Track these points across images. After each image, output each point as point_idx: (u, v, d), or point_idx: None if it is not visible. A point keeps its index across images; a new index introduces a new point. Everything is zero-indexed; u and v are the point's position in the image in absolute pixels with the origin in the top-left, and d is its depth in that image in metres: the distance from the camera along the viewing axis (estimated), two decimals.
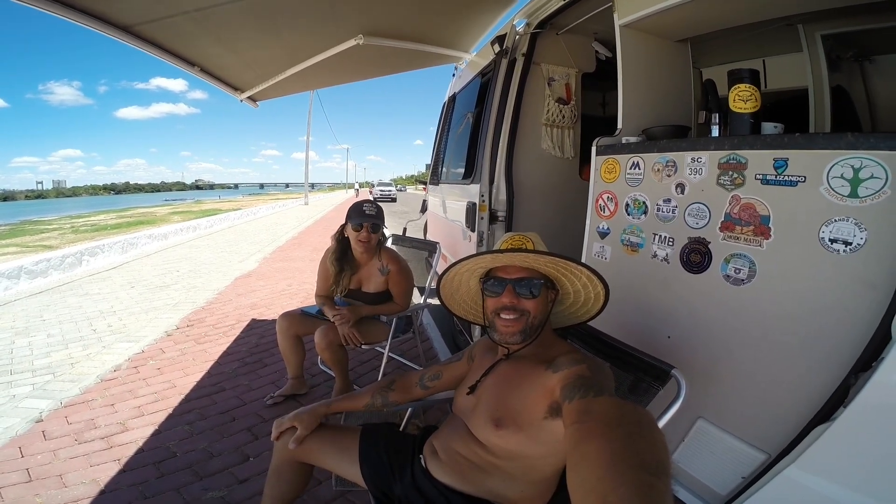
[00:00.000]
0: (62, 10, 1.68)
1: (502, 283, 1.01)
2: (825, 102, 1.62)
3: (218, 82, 2.89)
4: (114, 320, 3.70)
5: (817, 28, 1.51)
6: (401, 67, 3.43)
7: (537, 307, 1.00)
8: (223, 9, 1.88)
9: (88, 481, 1.68)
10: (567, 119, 2.48)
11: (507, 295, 1.00)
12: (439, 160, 3.75)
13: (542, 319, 1.02)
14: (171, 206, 34.73)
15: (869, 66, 1.65)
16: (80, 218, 23.11)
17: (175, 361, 2.81)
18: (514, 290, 0.99)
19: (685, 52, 1.67)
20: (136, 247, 7.41)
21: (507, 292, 1.00)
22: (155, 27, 2.01)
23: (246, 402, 2.29)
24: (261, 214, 16.08)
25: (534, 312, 1.00)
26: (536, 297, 0.99)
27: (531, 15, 2.26)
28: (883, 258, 0.89)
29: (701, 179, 1.24)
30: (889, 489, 0.86)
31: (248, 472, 1.74)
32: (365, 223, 2.09)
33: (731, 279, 1.16)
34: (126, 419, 2.12)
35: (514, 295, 0.99)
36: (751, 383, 1.14)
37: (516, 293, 0.99)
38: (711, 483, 1.21)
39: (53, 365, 2.77)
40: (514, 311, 0.99)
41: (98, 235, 10.52)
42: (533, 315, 1.00)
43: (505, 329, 1.00)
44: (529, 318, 0.99)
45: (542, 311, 1.01)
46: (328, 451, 1.15)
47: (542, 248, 1.03)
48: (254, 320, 3.66)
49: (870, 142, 0.90)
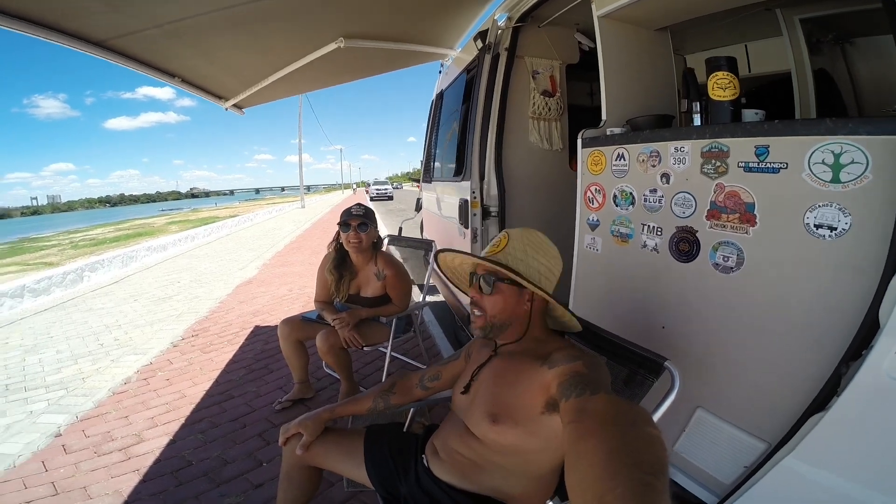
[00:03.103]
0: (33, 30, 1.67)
1: (474, 276, 1.07)
2: (809, 86, 1.63)
3: (201, 92, 2.87)
4: (120, 334, 3.73)
5: (795, 12, 1.51)
6: (385, 68, 3.42)
7: (496, 305, 1.02)
8: (197, 20, 1.87)
9: (112, 492, 1.73)
10: (553, 111, 2.49)
11: (473, 289, 1.07)
12: (431, 158, 3.76)
13: (506, 318, 1.03)
14: (168, 215, 34.67)
15: (850, 48, 1.65)
16: (79, 233, 23.11)
17: (183, 371, 2.85)
18: (478, 285, 1.05)
19: (666, 40, 1.67)
20: (136, 259, 7.42)
21: (473, 287, 1.07)
22: (129, 41, 2.00)
23: (255, 408, 2.33)
24: (258, 220, 16.06)
25: (491, 311, 1.03)
26: (491, 293, 1.03)
27: (512, 9, 2.26)
28: (868, 243, 0.90)
29: (685, 168, 1.25)
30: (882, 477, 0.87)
31: (263, 476, 1.78)
32: (352, 222, 2.14)
33: (721, 267, 1.17)
34: (141, 430, 2.17)
35: (477, 289, 1.05)
36: (746, 371, 1.15)
37: (479, 288, 1.05)
38: (715, 472, 1.22)
39: (65, 380, 2.82)
40: (477, 307, 1.05)
41: (98, 250, 10.54)
42: (490, 314, 1.03)
43: (474, 322, 1.06)
44: (486, 316, 1.03)
45: (503, 309, 1.03)
46: (334, 454, 1.18)
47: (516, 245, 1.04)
48: (257, 327, 3.70)
49: (849, 127, 0.91)
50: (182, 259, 7.89)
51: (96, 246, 13.04)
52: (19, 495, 1.73)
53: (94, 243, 14.60)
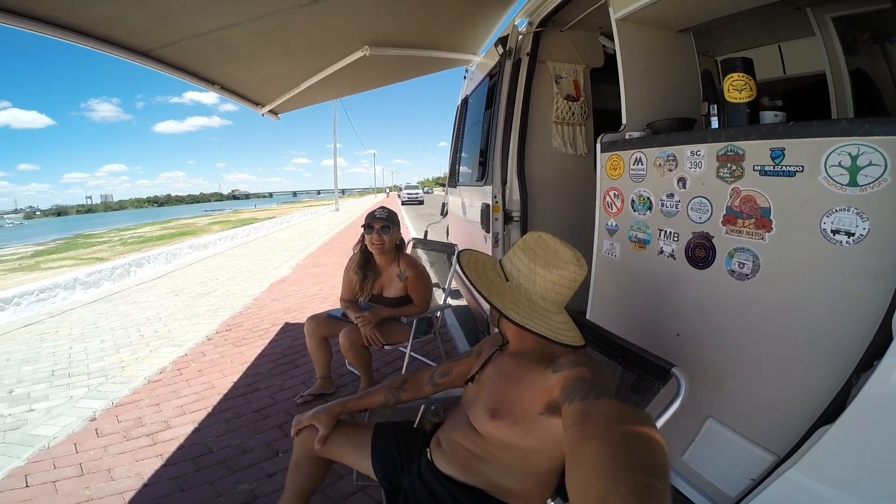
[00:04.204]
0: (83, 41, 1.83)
1: None
2: (845, 86, 1.55)
3: (238, 98, 3.03)
4: (159, 326, 3.97)
5: (826, 10, 1.44)
6: (411, 74, 3.49)
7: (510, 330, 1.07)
8: (232, 30, 1.99)
9: (133, 475, 1.84)
10: (577, 116, 2.47)
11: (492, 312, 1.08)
12: (456, 163, 3.80)
13: None
14: (211, 216, 36.32)
15: (890, 47, 1.56)
16: (128, 230, 24.65)
17: (214, 364, 3.00)
18: None
19: (688, 42, 1.63)
20: (178, 257, 7.86)
21: None
22: (171, 51, 2.15)
23: (278, 401, 2.42)
24: (294, 222, 16.62)
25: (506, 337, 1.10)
26: None
27: (532, 13, 2.26)
28: (886, 248, 0.86)
29: (701, 173, 1.22)
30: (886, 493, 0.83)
31: (277, 466, 1.85)
32: (375, 225, 2.20)
33: (736, 274, 1.14)
34: (169, 417, 2.30)
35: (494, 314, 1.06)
36: (759, 381, 1.11)
37: None
38: (721, 484, 1.19)
39: (106, 368, 3.02)
40: None
41: (144, 247, 11.20)
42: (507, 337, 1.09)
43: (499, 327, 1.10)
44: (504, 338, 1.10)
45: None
46: (344, 447, 1.22)
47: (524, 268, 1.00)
48: (287, 324, 3.84)
49: (865, 127, 0.87)
50: (221, 258, 8.28)
51: (143, 243, 13.88)
52: (47, 475, 1.86)
53: (141, 241, 15.54)
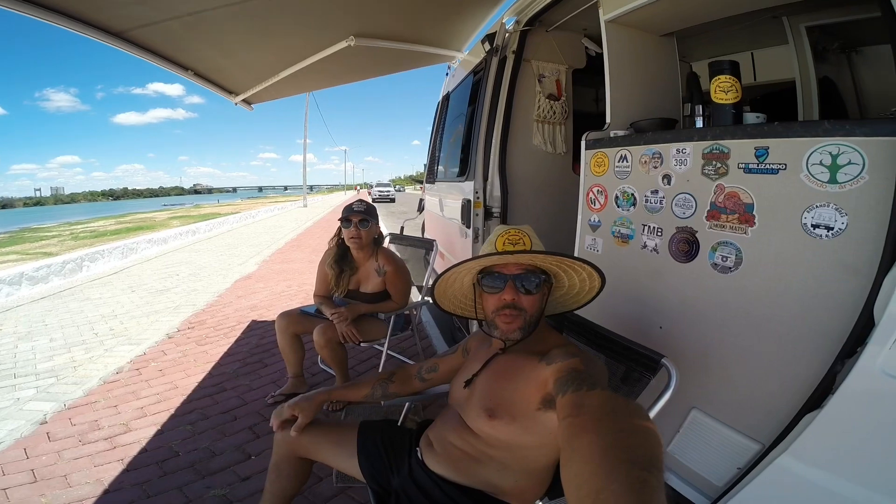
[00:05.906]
0: (56, 18, 1.70)
1: (503, 278, 1.00)
2: (812, 93, 1.64)
3: (212, 86, 2.90)
4: (115, 324, 3.72)
5: (801, 20, 1.53)
6: (394, 68, 3.46)
7: (535, 303, 1.00)
8: (215, 13, 1.90)
9: (93, 481, 1.70)
10: (558, 115, 2.50)
11: (508, 291, 0.98)
12: (435, 159, 3.78)
13: (539, 314, 1.02)
14: (170, 210, 34.69)
15: (856, 56, 1.66)
16: (80, 224, 23.15)
17: (177, 363, 2.84)
18: (515, 286, 0.98)
19: (671, 45, 1.69)
20: (136, 251, 7.42)
21: (508, 288, 0.99)
22: (147, 32, 2.03)
23: (247, 401, 2.32)
24: (259, 217, 16.10)
25: (531, 310, 0.99)
26: (535, 293, 0.99)
27: (520, 12, 2.28)
28: (863, 242, 0.91)
29: (686, 170, 1.26)
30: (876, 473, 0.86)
31: (250, 469, 1.76)
32: (353, 218, 2.14)
33: (719, 267, 1.18)
34: (129, 420, 2.15)
35: (514, 291, 0.98)
36: (742, 372, 1.14)
37: (516, 288, 0.99)
38: (707, 474, 1.21)
39: (56, 368, 2.80)
40: (515, 308, 0.98)
41: (98, 241, 10.54)
42: (530, 312, 0.99)
43: (506, 326, 0.99)
44: (527, 315, 0.99)
45: (539, 307, 1.01)
46: (327, 446, 1.17)
47: (537, 242, 1.02)
48: (254, 321, 3.69)
49: (845, 128, 0.92)
50: (182, 253, 7.89)
51: (97, 238, 13.06)
52: None
53: (94, 235, 14.62)
